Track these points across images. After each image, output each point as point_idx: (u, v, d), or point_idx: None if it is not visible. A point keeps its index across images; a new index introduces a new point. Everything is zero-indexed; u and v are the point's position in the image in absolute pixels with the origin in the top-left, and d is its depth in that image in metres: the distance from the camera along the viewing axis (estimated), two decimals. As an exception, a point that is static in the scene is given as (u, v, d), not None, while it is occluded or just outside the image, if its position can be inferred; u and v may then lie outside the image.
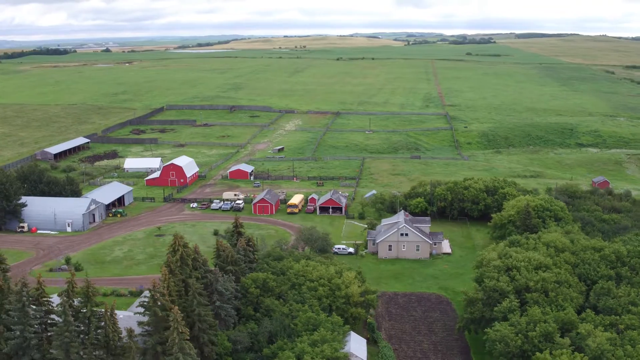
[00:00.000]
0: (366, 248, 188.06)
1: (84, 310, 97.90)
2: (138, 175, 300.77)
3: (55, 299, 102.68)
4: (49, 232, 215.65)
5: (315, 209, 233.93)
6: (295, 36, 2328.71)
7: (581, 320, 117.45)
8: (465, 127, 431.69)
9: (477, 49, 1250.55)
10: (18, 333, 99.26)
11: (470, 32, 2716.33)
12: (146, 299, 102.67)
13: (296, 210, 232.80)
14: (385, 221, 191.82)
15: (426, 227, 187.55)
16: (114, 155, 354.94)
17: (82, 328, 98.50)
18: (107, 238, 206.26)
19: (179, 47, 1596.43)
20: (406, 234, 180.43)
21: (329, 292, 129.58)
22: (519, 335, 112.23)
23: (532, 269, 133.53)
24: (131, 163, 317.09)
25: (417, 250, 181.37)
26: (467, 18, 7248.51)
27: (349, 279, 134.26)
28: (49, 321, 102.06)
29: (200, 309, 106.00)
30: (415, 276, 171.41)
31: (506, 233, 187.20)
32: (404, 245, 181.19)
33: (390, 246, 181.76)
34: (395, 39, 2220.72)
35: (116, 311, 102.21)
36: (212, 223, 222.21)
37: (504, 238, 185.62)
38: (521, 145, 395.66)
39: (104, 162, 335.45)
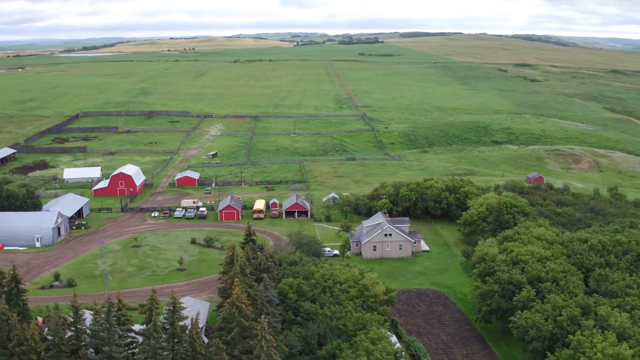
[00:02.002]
0: (349, 249, 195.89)
1: (168, 327, 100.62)
2: (80, 186, 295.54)
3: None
4: (17, 248, 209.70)
5: (280, 214, 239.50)
6: (181, 37, 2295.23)
7: (595, 304, 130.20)
8: (386, 127, 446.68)
9: (368, 49, 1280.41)
10: (95, 354, 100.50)
11: (353, 31, 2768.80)
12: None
13: (262, 216, 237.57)
14: (365, 223, 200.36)
15: (406, 227, 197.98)
16: (44, 165, 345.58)
17: (166, 344, 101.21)
18: (83, 252, 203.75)
19: (65, 51, 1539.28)
20: (390, 234, 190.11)
21: (359, 293, 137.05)
22: (549, 320, 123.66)
23: (536, 261, 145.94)
24: (71, 173, 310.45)
25: (400, 249, 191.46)
26: (350, 18, 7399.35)
27: (372, 279, 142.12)
28: (129, 339, 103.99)
29: (268, 317, 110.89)
30: (405, 274, 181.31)
31: (477, 229, 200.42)
32: (387, 245, 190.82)
33: (375, 246, 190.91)
34: (281, 40, 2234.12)
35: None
36: (183, 232, 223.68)
37: (474, 234, 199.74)
38: (442, 145, 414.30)
39: (38, 173, 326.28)
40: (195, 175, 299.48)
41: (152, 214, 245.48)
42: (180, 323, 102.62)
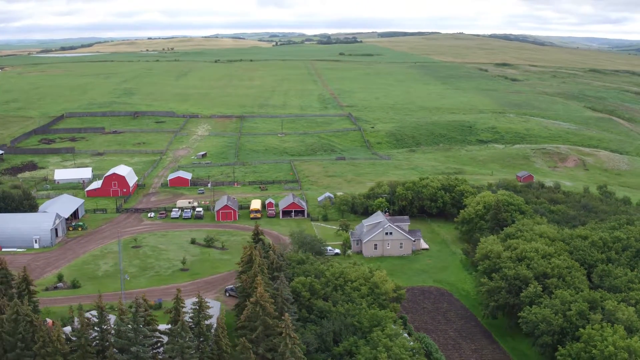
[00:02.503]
0: (350, 248, 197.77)
1: (194, 327, 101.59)
2: (71, 187, 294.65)
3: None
4: (15, 249, 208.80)
5: (277, 213, 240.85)
6: (159, 38, 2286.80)
7: (601, 299, 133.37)
8: (372, 127, 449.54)
9: (347, 49, 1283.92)
10: (120, 354, 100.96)
11: (331, 31, 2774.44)
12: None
13: (259, 215, 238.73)
14: (366, 222, 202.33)
15: (405, 225, 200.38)
16: (33, 166, 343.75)
17: (192, 343, 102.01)
18: (83, 253, 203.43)
19: (42, 51, 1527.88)
20: (390, 233, 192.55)
21: (369, 291, 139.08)
22: (558, 314, 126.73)
23: (540, 258, 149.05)
24: (61, 174, 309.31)
25: (401, 247, 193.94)
26: (327, 18, 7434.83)
27: (381, 276, 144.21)
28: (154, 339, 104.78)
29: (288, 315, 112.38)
30: (407, 272, 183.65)
31: (475, 227, 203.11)
32: (388, 244, 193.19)
33: (375, 245, 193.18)
34: (259, 40, 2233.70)
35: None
36: (181, 232, 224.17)
37: (472, 232, 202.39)
38: (428, 144, 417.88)
39: (27, 174, 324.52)
40: (187, 175, 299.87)
41: (149, 215, 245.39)
42: (206, 322, 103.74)
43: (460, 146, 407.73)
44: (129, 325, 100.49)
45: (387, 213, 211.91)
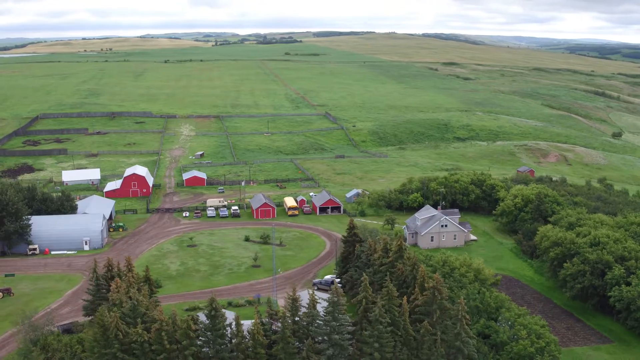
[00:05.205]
0: (405, 240, 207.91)
1: (381, 319, 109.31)
2: (81, 188, 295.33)
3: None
4: (65, 252, 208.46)
5: (313, 210, 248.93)
6: (93, 38, 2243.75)
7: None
8: (354, 126, 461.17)
9: (290, 48, 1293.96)
10: (324, 345, 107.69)
11: (263, 30, 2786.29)
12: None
13: (297, 213, 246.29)
14: (419, 215, 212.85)
15: (456, 218, 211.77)
16: (29, 168, 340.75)
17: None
18: (140, 253, 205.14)
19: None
20: (446, 225, 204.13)
21: (474, 277, 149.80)
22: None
23: (612, 242, 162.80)
24: (70, 176, 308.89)
25: (455, 239, 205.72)
26: (259, 17, 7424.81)
27: (479, 263, 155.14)
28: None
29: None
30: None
31: (515, 219, 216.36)
32: (443, 236, 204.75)
33: (432, 237, 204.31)
34: (195, 39, 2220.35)
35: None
36: (227, 230, 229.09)
37: (512, 224, 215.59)
38: (411, 142, 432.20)
39: (28, 176, 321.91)
40: (203, 175, 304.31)
41: (183, 214, 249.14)
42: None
43: (445, 143, 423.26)
44: (329, 315, 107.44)
45: (440, 207, 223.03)
